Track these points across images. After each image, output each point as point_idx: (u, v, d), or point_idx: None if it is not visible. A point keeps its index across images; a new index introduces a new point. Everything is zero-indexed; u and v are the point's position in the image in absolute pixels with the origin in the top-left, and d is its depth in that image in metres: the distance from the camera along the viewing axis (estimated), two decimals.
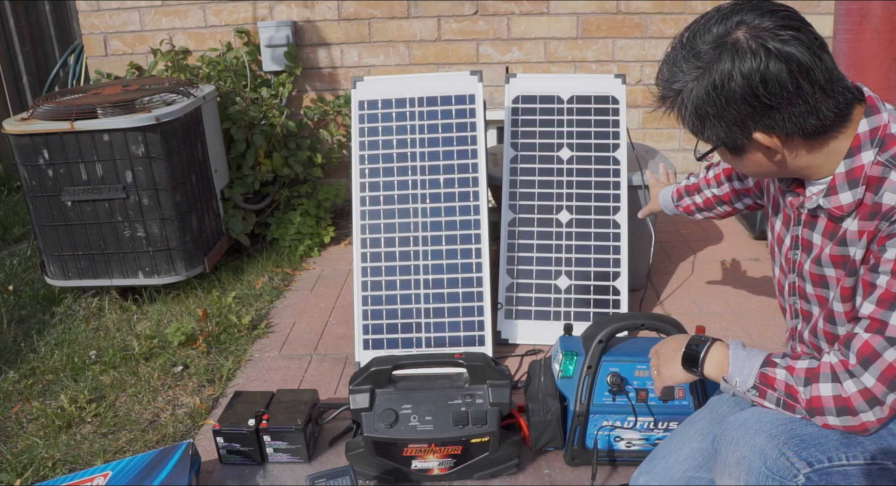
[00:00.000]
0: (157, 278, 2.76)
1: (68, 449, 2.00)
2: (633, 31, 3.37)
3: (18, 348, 2.57)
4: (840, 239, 1.18)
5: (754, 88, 1.06)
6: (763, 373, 1.19)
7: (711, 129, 1.14)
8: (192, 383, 2.29)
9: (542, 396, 1.76)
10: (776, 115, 1.08)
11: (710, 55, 1.09)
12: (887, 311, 1.08)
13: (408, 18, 3.41)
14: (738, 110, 1.09)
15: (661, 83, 1.18)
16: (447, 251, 2.30)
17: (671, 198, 1.96)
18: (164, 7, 3.47)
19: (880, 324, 1.09)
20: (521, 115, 2.50)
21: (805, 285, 1.30)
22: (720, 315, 2.53)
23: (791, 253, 1.32)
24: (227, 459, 1.88)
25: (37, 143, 2.58)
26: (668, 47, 1.18)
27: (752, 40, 1.06)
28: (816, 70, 1.06)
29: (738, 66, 1.06)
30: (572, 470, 1.80)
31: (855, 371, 1.10)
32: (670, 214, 2.01)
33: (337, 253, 3.27)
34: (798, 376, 1.15)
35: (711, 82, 1.09)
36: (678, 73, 1.14)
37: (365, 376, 1.73)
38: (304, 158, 3.35)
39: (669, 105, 1.18)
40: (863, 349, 1.10)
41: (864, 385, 1.09)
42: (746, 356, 1.22)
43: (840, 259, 1.19)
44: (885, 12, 2.69)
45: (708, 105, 1.11)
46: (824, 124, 1.10)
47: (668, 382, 1.35)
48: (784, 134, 1.10)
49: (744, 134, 1.12)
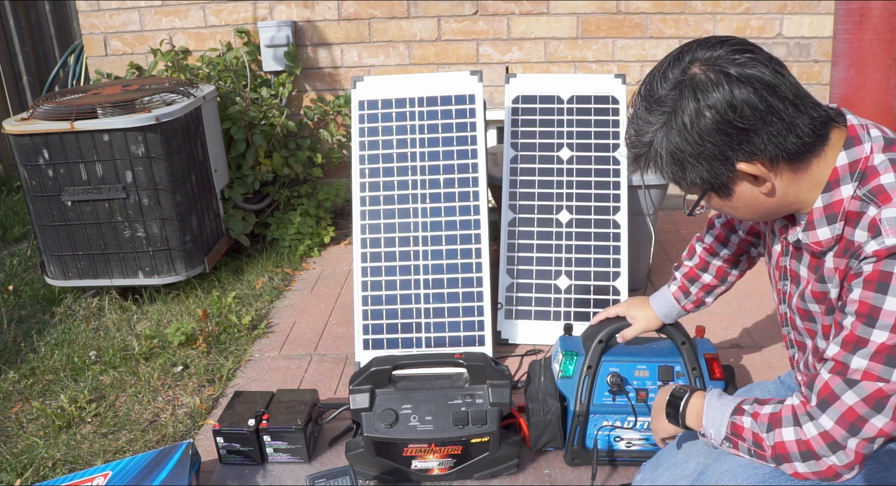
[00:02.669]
0: (157, 278, 2.76)
1: (68, 449, 2.00)
2: (633, 31, 3.37)
3: (18, 348, 2.57)
4: (820, 276, 1.15)
5: (725, 116, 1.03)
6: (733, 422, 1.16)
7: (693, 171, 1.09)
8: (192, 383, 2.29)
9: (542, 396, 1.76)
10: (754, 138, 1.04)
11: (672, 97, 1.06)
12: (849, 354, 1.04)
13: (408, 18, 3.41)
14: (715, 143, 1.05)
15: (630, 142, 1.14)
16: (447, 251, 2.30)
17: (675, 300, 1.65)
18: (164, 7, 3.47)
19: (842, 366, 1.05)
20: (521, 115, 2.50)
21: (795, 318, 1.26)
22: (720, 315, 2.53)
23: (781, 283, 1.29)
24: (227, 459, 1.88)
25: (37, 143, 2.58)
26: (628, 108, 1.14)
27: (710, 71, 1.03)
28: (782, 86, 1.03)
29: (703, 99, 1.03)
30: (572, 470, 1.80)
31: (813, 413, 1.07)
32: (674, 320, 1.69)
33: (337, 253, 3.27)
34: (762, 422, 1.12)
35: (681, 123, 1.05)
36: (645, 125, 1.10)
37: (365, 376, 1.73)
38: (304, 158, 3.35)
39: (644, 161, 1.13)
40: (822, 390, 1.06)
41: (823, 428, 1.05)
42: (719, 406, 1.19)
43: (821, 296, 1.15)
44: (885, 12, 2.69)
45: (683, 147, 1.07)
46: (805, 142, 1.05)
47: (662, 435, 1.36)
48: (768, 158, 1.06)
49: (727, 167, 1.07)
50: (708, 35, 1.18)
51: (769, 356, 2.28)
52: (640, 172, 1.21)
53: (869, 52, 2.76)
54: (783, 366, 2.22)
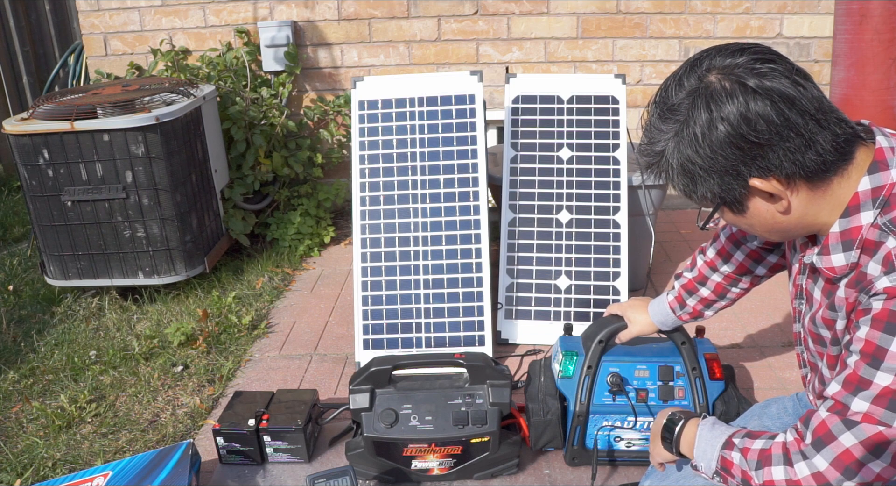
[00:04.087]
0: (157, 278, 2.76)
1: (68, 449, 2.00)
2: (633, 31, 3.37)
3: (18, 348, 2.57)
4: (831, 303, 1.10)
5: (738, 129, 0.98)
6: (723, 457, 1.13)
7: (704, 184, 1.05)
8: (192, 383, 2.29)
9: (542, 396, 1.76)
10: (769, 154, 0.98)
11: (685, 106, 1.01)
12: (850, 394, 0.99)
13: (408, 18, 3.41)
14: (727, 157, 1.00)
15: (642, 151, 1.10)
16: (447, 251, 2.30)
17: (671, 310, 1.62)
18: (164, 7, 3.47)
19: (842, 407, 1.00)
20: (521, 115, 2.50)
21: (808, 339, 1.21)
22: (720, 315, 2.53)
23: (797, 302, 1.24)
24: (227, 459, 1.88)
25: (37, 143, 2.58)
26: (644, 113, 1.10)
27: (726, 80, 0.99)
28: (802, 99, 0.97)
29: (717, 110, 0.98)
30: (572, 470, 1.80)
31: (807, 452, 1.02)
32: (670, 328, 1.67)
33: (337, 253, 3.27)
34: (751, 459, 1.08)
35: (692, 134, 1.01)
36: (657, 133, 1.06)
37: (365, 376, 1.73)
38: (304, 158, 3.35)
39: (656, 171, 1.09)
40: (818, 429, 1.01)
41: (816, 468, 1.00)
42: (710, 438, 1.16)
43: (831, 323, 1.10)
44: (885, 12, 2.69)
45: (694, 159, 1.02)
46: (825, 160, 0.99)
47: (659, 459, 1.34)
48: (784, 175, 1.00)
49: (739, 183, 1.02)
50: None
51: (769, 356, 2.28)
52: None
53: (869, 52, 2.76)
54: (783, 366, 2.22)
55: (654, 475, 1.43)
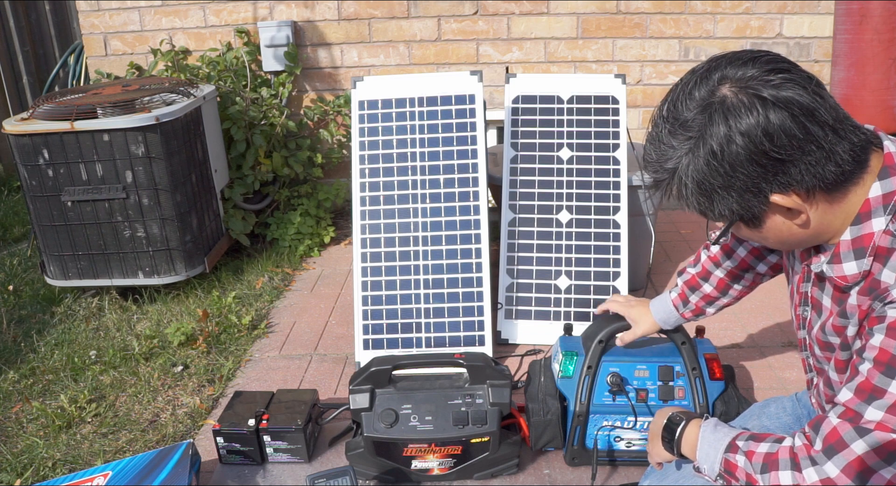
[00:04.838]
0: (157, 278, 2.76)
1: (68, 449, 2.00)
2: (633, 31, 3.37)
3: (18, 348, 2.57)
4: (842, 310, 1.07)
5: (759, 145, 0.94)
6: (726, 459, 1.11)
7: (722, 202, 1.01)
8: (192, 383, 2.29)
9: (542, 396, 1.76)
10: (791, 169, 0.95)
11: (699, 121, 0.97)
12: (863, 403, 0.98)
13: (408, 18, 3.41)
14: (748, 174, 0.96)
15: (650, 166, 1.05)
16: (447, 251, 2.30)
17: (674, 307, 1.61)
18: (164, 7, 3.47)
19: (854, 414, 0.98)
20: (521, 115, 2.50)
21: (815, 346, 1.19)
22: (720, 315, 2.53)
23: (801, 309, 1.22)
24: (227, 459, 1.88)
25: (37, 143, 2.58)
26: (649, 125, 1.05)
27: (742, 93, 0.95)
28: (821, 109, 0.94)
29: (735, 125, 0.94)
30: (572, 470, 1.80)
31: (817, 458, 1.00)
32: (672, 327, 1.66)
33: (337, 253, 3.27)
34: (756, 462, 1.06)
35: (709, 151, 0.96)
36: (668, 150, 1.01)
37: (365, 376, 1.73)
38: (304, 158, 3.35)
39: (667, 188, 1.04)
40: (830, 436, 1.00)
41: (826, 475, 0.99)
42: (713, 440, 1.15)
43: (842, 330, 1.08)
44: (885, 12, 2.69)
45: (712, 177, 0.98)
46: (844, 170, 0.97)
47: (658, 459, 1.33)
48: (804, 189, 0.97)
49: (759, 199, 0.98)
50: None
51: (769, 356, 2.28)
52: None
53: (869, 52, 2.76)
54: (783, 366, 2.22)
55: (654, 474, 1.42)
